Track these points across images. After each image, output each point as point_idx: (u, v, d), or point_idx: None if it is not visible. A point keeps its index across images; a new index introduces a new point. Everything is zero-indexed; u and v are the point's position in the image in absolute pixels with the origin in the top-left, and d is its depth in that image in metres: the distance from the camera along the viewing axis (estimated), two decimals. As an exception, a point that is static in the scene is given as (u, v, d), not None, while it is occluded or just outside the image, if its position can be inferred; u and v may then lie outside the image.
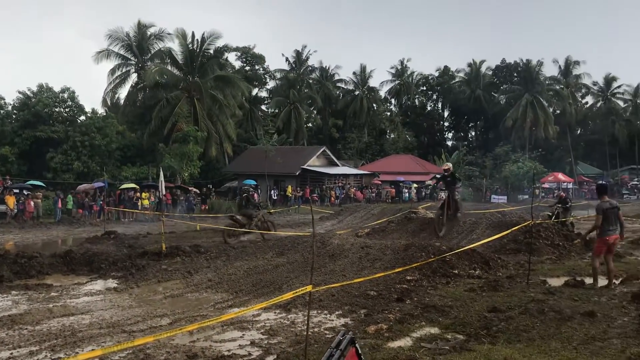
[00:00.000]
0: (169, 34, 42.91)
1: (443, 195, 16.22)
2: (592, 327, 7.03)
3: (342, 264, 11.80)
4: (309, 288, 6.43)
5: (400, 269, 10.32)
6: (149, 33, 43.11)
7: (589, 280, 10.21)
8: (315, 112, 66.26)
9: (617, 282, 10.47)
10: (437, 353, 6.30)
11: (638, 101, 69.17)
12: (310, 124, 66.52)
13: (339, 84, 70.10)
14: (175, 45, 43.02)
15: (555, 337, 6.74)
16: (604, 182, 12.99)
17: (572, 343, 6.50)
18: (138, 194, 30.97)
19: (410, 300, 9.19)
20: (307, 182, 45.17)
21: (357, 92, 68.28)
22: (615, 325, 7.11)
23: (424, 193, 49.92)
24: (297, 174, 44.93)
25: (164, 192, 24.10)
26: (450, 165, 17.76)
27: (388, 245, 13.26)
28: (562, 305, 8.08)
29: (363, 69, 68.52)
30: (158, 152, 38.60)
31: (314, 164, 47.08)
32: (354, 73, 69.03)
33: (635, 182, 57.52)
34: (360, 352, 3.08)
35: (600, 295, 8.98)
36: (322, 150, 49.00)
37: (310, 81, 65.84)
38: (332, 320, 8.30)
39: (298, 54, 64.79)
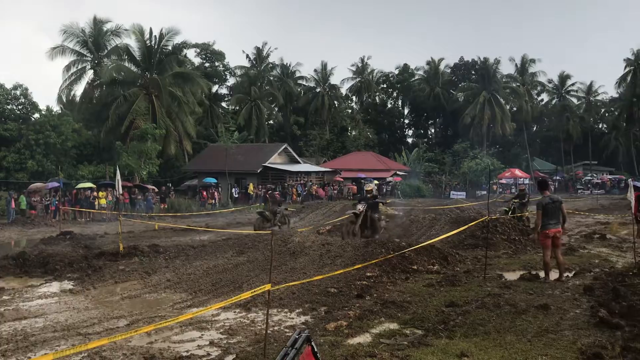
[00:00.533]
0: (126, 29, 42.02)
1: (360, 207, 15.08)
2: (546, 320, 7.21)
3: (303, 261, 11.80)
4: (267, 287, 6.41)
5: (359, 265, 10.38)
6: (105, 29, 42.12)
7: (542, 274, 10.47)
8: (276, 109, 66.05)
9: (570, 274, 10.79)
10: (396, 349, 6.35)
11: (591, 99, 71.35)
12: (271, 121, 66.33)
13: (300, 81, 70.14)
14: (132, 42, 42.18)
15: (510, 330, 6.88)
16: (544, 178, 13.32)
17: (526, 336, 6.65)
18: (95, 193, 30.31)
19: (370, 296, 9.25)
20: (269, 180, 45.02)
21: (318, 90, 68.38)
22: (567, 318, 7.31)
23: (385, 189, 50.37)
24: (258, 171, 44.75)
25: (121, 191, 23.67)
26: (373, 186, 17.69)
27: (348, 242, 13.33)
28: (517, 298, 8.28)
29: (324, 66, 68.73)
30: (115, 151, 37.82)
31: (276, 161, 46.97)
32: (315, 70, 69.24)
33: (589, 178, 59.26)
34: (316, 350, 3.08)
35: (554, 288, 9.22)
36: (283, 147, 48.92)
37: (271, 78, 65.66)
38: (293, 319, 8.29)
39: (259, 50, 64.51)
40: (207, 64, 61.16)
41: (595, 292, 8.49)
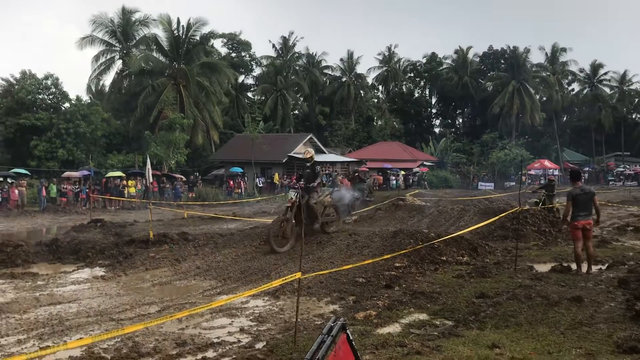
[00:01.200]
0: (154, 20, 42.50)
1: (292, 194, 12.20)
2: (579, 312, 7.09)
3: (330, 251, 11.79)
4: (298, 275, 6.42)
5: (388, 256, 10.33)
6: (133, 19, 42.65)
7: (573, 266, 10.30)
8: (302, 99, 66.02)
9: (603, 267, 10.60)
10: (426, 339, 6.32)
11: (624, 88, 69.69)
12: (297, 111, 66.34)
13: (325, 71, 69.89)
14: (160, 32, 42.66)
15: (542, 322, 6.79)
16: (576, 168, 13.10)
17: (559, 328, 6.55)
18: (124, 182, 30.75)
19: (398, 286, 9.21)
20: (294, 170, 45.11)
21: (344, 79, 68.08)
22: (602, 311, 7.18)
23: (411, 180, 50.12)
24: (283, 161, 44.82)
25: (151, 180, 24.00)
26: (312, 152, 13.32)
27: (376, 232, 13.27)
28: (549, 290, 8.16)
29: (350, 55, 68.34)
30: (144, 140, 38.32)
31: (301, 151, 46.94)
32: (341, 59, 68.87)
33: (621, 169, 58.05)
34: (351, 338, 3.06)
35: (586, 281, 9.06)
36: (308, 137, 48.88)
37: (297, 68, 65.54)
38: (321, 307, 8.30)
39: (285, 40, 64.47)
40: (233, 54, 61.39)
41: (630, 285, 8.30)
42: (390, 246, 11.56)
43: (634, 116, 75.00)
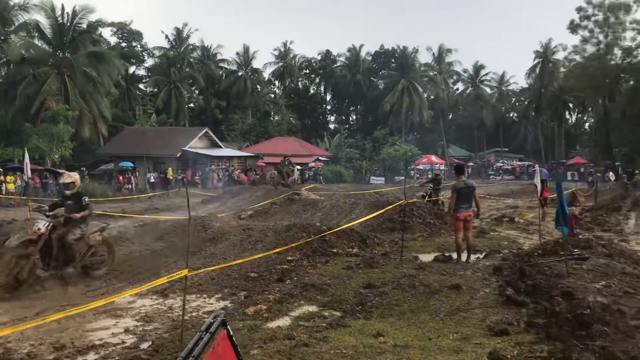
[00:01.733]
0: (35, 5, 39.63)
1: (41, 225, 9.22)
2: (458, 299, 7.52)
3: (223, 246, 11.69)
4: (184, 272, 6.30)
5: (279, 250, 10.38)
6: (11, 3, 39.56)
7: (455, 256, 10.90)
8: (197, 92, 64.65)
9: (481, 256, 11.31)
10: (314, 330, 6.43)
11: (503, 88, 74.65)
12: (192, 105, 64.85)
13: (221, 64, 68.89)
14: (42, 18, 39.87)
15: (424, 310, 7.14)
16: (460, 163, 13.87)
17: (439, 315, 6.92)
18: (2, 178, 28.61)
19: (290, 280, 9.29)
20: (189, 165, 44.09)
21: (240, 73, 67.46)
22: (478, 297, 7.66)
23: (307, 175, 50.66)
24: (178, 155, 43.67)
25: (29, 175, 22.46)
26: (74, 177, 10.12)
27: (270, 226, 13.32)
28: (431, 279, 8.57)
29: (246, 49, 67.82)
30: (24, 133, 35.79)
31: (196, 145, 46.03)
32: (237, 53, 68.21)
33: (500, 164, 62.15)
34: (232, 333, 3.05)
35: (465, 269, 9.63)
36: (204, 131, 48.00)
37: (192, 60, 64.02)
38: (212, 304, 8.20)
39: (178, 31, 62.81)
40: (123, 44, 58.79)
41: (503, 272, 8.92)
42: (283, 240, 11.65)
43: (511, 115, 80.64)
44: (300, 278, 9.35)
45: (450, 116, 78.58)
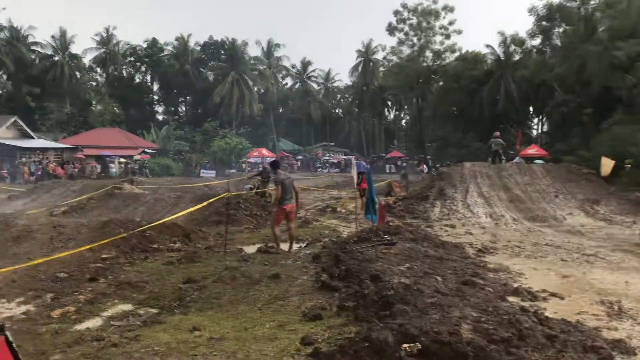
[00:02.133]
0: None
1: None
2: (276, 288, 7.67)
3: (28, 246, 10.67)
4: (-27, 275, 5.63)
5: (90, 246, 9.72)
6: None
7: (281, 246, 11.14)
8: (5, 77, 58.32)
9: (303, 245, 11.67)
10: (126, 329, 6.14)
11: (329, 85, 77.89)
12: (-1, 91, 58.49)
13: (34, 47, 62.84)
14: None
15: (243, 301, 7.16)
16: (276, 159, 14.25)
17: (257, 304, 6.98)
18: None
19: (104, 278, 8.77)
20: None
21: (56, 58, 62.24)
22: (295, 285, 7.88)
23: (132, 168, 48.39)
24: (-20, 147, 39.18)
25: None
26: None
27: (84, 223, 12.46)
28: (253, 270, 8.64)
29: (63, 33, 62.71)
30: None
31: (4, 135, 41.63)
32: (53, 37, 62.73)
33: (327, 157, 64.78)
34: (11, 339, 2.76)
35: (287, 258, 9.86)
36: (12, 120, 43.57)
37: (-2, 41, 57.67)
38: (11, 309, 7.43)
39: (-19, 8, 56.09)
40: None
41: (321, 259, 9.29)
42: (99, 237, 10.94)
43: (337, 110, 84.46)
44: (116, 276, 8.87)
45: (281, 110, 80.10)
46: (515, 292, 7.41)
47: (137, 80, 74.50)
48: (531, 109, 52.09)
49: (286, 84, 79.29)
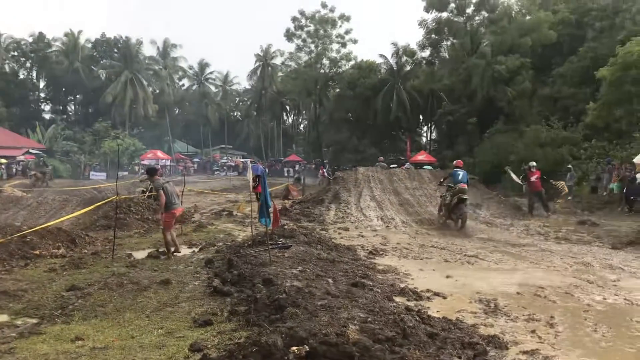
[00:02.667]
0: None
1: None
2: (166, 294, 7.50)
3: None
4: None
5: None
6: None
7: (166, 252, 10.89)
8: None
9: (196, 249, 11.50)
10: (1, 342, 5.76)
11: (227, 87, 77.05)
12: None
13: None
14: None
15: (130, 308, 6.93)
16: (152, 165, 14.02)
17: (145, 312, 6.79)
18: None
19: (-23, 288, 8.15)
20: None
21: None
22: (186, 290, 7.75)
23: (15, 170, 45.15)
24: None
25: None
26: None
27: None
28: (142, 276, 8.40)
29: None
30: None
31: None
32: None
33: (225, 160, 64.02)
34: None
35: (178, 264, 9.67)
36: None
37: None
38: None
39: None
40: None
41: (214, 263, 9.20)
42: (-29, 244, 10.17)
43: (235, 113, 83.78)
44: (-9, 285, 8.28)
45: (177, 112, 78.12)
46: (401, 293, 7.74)
47: (22, 76, 69.65)
48: (421, 117, 54.53)
49: (183, 85, 77.47)
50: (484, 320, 6.66)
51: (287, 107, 77.13)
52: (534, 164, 19.62)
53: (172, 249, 10.68)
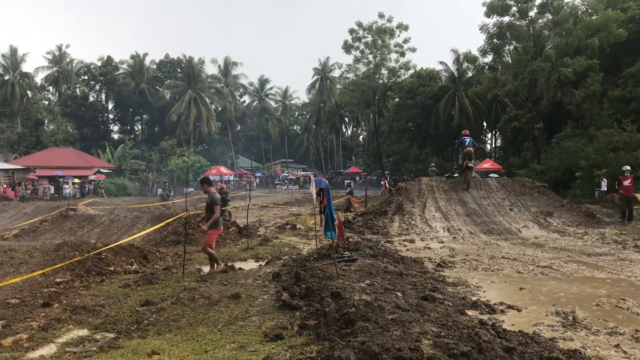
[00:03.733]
0: None
1: None
2: (237, 308, 7.57)
3: (-22, 272, 10.28)
4: None
5: (43, 270, 9.45)
6: None
7: (239, 265, 11.02)
8: (-49, 96, 56.58)
9: (263, 263, 11.60)
10: (83, 356, 5.96)
11: (286, 102, 78.11)
12: (-56, 111, 56.59)
13: (-17, 67, 61.23)
14: None
15: (202, 323, 7.04)
16: (206, 176, 14.06)
17: (217, 326, 6.87)
18: None
19: (58, 303, 8.49)
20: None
21: (7, 77, 60.60)
22: (256, 304, 7.80)
23: (87, 189, 47.28)
24: None
25: None
26: None
27: (37, 246, 12.11)
28: (212, 290, 8.53)
29: (14, 51, 61.31)
30: None
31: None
32: (3, 55, 61.21)
33: (286, 174, 64.76)
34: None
35: (247, 277, 9.77)
36: (-43, 141, 42.10)
37: (-56, 60, 55.93)
38: (-40, 339, 7.12)
39: None
40: None
41: (281, 277, 9.24)
42: (52, 260, 10.64)
43: (295, 127, 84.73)
44: (71, 301, 8.61)
45: (239, 128, 79.83)
46: (474, 306, 7.53)
47: (92, 99, 73.11)
48: (485, 123, 53.40)
49: (244, 101, 79.18)
50: (563, 334, 6.38)
51: (346, 119, 77.39)
52: (629, 168, 19.42)
53: (215, 265, 10.65)
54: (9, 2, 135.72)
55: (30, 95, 63.20)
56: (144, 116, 75.11)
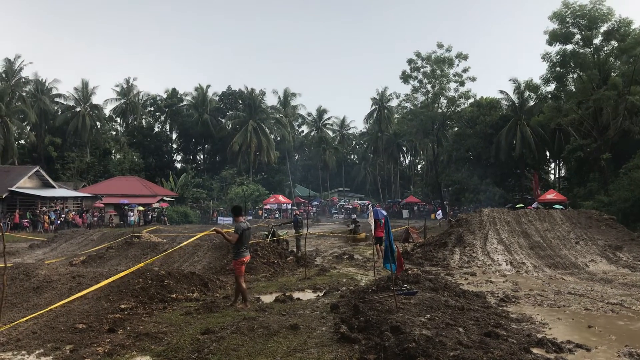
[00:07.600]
0: None
1: None
2: (295, 339, 7.56)
3: (49, 296, 10.69)
4: (-5, 328, 5.65)
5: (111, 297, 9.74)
6: None
7: (297, 295, 11.02)
8: (28, 128, 59.81)
9: (321, 294, 11.55)
10: (145, 383, 6.08)
11: (344, 132, 78.62)
12: (22, 141, 59.85)
13: (57, 99, 64.72)
14: None
15: (261, 353, 7.06)
16: (237, 204, 13.85)
17: (276, 357, 6.88)
18: None
19: (123, 330, 8.73)
20: (17, 206, 40.28)
21: (78, 109, 63.83)
22: (314, 336, 7.76)
23: (150, 216, 48.69)
24: (4, 196, 39.75)
25: None
26: None
27: (104, 273, 12.51)
28: (271, 320, 8.56)
29: (85, 84, 64.54)
30: None
31: (25, 185, 42.29)
32: (75, 88, 64.61)
33: (343, 203, 64.79)
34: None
35: (305, 308, 9.75)
36: (35, 170, 44.33)
37: (24, 94, 59.39)
38: (31, 362, 7.41)
39: (9, 63, 58.05)
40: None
41: (340, 309, 9.18)
42: (117, 287, 10.96)
43: (352, 157, 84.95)
44: (134, 327, 8.82)
45: (297, 157, 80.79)
46: (539, 344, 7.23)
47: (157, 129, 75.86)
48: (548, 153, 51.94)
49: (302, 131, 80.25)
50: (637, 377, 6.03)
51: (404, 148, 77.00)
52: None
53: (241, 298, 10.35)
54: (82, 39, 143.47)
55: (99, 126, 66.20)
56: (205, 146, 77.17)
